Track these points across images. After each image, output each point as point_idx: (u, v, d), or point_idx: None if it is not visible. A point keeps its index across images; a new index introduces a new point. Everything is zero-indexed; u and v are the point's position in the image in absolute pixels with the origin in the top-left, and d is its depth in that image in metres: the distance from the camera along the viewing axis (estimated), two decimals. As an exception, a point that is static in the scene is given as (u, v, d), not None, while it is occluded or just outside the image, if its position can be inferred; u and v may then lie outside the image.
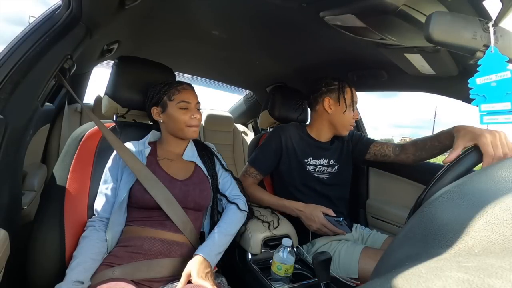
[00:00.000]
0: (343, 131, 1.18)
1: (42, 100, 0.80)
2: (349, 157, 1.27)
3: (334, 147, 1.24)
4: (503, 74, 0.58)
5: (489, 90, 0.60)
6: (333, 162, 1.22)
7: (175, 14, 1.05)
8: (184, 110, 0.90)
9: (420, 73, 1.08)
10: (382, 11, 0.70)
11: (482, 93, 0.61)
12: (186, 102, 0.90)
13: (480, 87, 0.61)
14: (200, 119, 0.93)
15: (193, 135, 0.92)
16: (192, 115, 0.90)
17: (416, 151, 1.11)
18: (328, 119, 1.18)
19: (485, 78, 0.60)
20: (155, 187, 0.82)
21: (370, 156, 1.25)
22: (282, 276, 0.85)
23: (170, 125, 0.92)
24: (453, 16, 0.61)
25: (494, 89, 0.59)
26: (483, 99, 0.61)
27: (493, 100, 0.59)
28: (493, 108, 0.59)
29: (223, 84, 2.17)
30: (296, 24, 0.99)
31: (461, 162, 0.65)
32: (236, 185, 1.01)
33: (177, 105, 0.90)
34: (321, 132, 1.21)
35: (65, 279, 0.70)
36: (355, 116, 1.16)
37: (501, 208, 0.27)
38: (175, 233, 0.83)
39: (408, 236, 0.33)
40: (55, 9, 0.78)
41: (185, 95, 0.91)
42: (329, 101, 1.16)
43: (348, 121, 1.16)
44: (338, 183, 1.22)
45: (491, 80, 0.59)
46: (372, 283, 0.23)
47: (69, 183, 0.86)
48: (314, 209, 1.02)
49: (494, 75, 0.59)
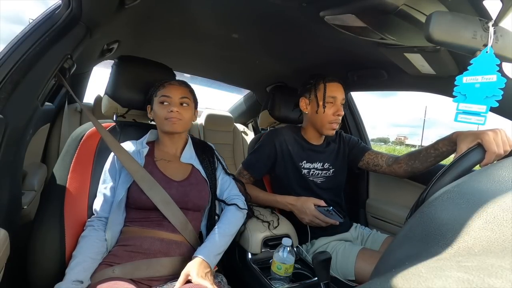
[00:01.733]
0: (325, 131, 1.11)
1: (42, 100, 0.80)
2: (345, 161, 1.24)
3: (330, 150, 1.21)
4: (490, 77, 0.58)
5: (471, 90, 0.61)
6: (328, 165, 1.19)
7: (175, 14, 1.05)
8: (164, 104, 0.90)
9: (420, 73, 1.08)
10: (382, 11, 0.70)
11: (464, 92, 0.62)
12: (166, 96, 0.89)
13: (464, 86, 0.62)
14: (184, 115, 0.90)
15: (173, 128, 0.89)
16: (169, 109, 0.88)
17: (409, 161, 1.06)
18: (309, 120, 1.15)
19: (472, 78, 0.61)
20: (152, 188, 0.82)
21: (362, 163, 1.21)
22: (282, 275, 0.85)
23: (156, 121, 0.93)
24: (453, 15, 0.61)
25: (476, 90, 0.60)
26: (463, 98, 0.62)
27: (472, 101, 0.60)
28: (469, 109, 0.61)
29: (223, 83, 2.17)
30: (296, 23, 0.99)
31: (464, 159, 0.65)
32: (235, 185, 1.01)
33: (158, 100, 0.90)
34: (310, 134, 1.18)
35: (65, 279, 0.70)
36: (336, 112, 1.08)
37: (501, 208, 0.27)
38: (172, 233, 0.83)
39: (408, 236, 0.33)
40: (55, 9, 0.78)
41: (168, 89, 0.90)
42: (304, 101, 1.13)
43: (326, 119, 1.09)
44: (332, 187, 1.20)
45: (477, 81, 0.60)
46: (372, 282, 0.23)
47: (69, 183, 0.86)
48: (305, 202, 1.01)
49: (481, 77, 0.59)
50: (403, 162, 1.09)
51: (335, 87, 1.09)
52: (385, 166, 1.14)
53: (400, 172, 1.10)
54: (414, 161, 1.05)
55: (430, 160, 1.00)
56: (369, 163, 1.19)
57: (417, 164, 1.04)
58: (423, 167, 1.03)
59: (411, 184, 1.34)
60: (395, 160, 1.12)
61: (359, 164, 1.22)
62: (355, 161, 1.23)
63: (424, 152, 1.01)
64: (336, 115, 1.08)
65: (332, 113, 1.08)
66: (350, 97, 1.62)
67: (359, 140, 1.27)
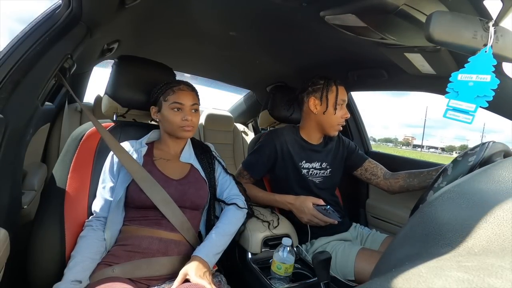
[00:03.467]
0: (331, 131, 1.15)
1: (42, 100, 0.80)
2: (342, 163, 1.27)
3: (328, 150, 1.23)
4: (484, 77, 0.58)
5: (464, 88, 0.61)
6: (326, 165, 1.20)
7: (175, 14, 1.05)
8: (177, 111, 0.89)
9: (420, 73, 1.08)
10: (383, 11, 0.70)
11: (457, 89, 0.62)
12: (179, 103, 0.89)
13: (458, 83, 0.62)
14: (194, 121, 0.91)
15: (187, 135, 0.91)
16: (184, 117, 0.89)
17: (408, 177, 1.12)
18: (315, 119, 1.16)
19: (467, 76, 0.61)
20: (151, 188, 0.83)
21: (360, 171, 1.26)
22: (282, 275, 0.85)
23: (165, 125, 0.93)
24: (453, 15, 0.61)
25: (469, 89, 0.60)
26: (455, 95, 0.62)
27: (463, 98, 0.61)
28: (459, 106, 0.61)
29: (223, 83, 2.17)
30: (297, 23, 0.99)
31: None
32: (235, 185, 1.01)
33: (170, 106, 0.89)
34: (311, 133, 1.20)
35: (63, 279, 0.70)
36: (344, 115, 1.13)
37: (501, 208, 0.27)
38: (171, 232, 0.83)
39: (408, 236, 0.33)
40: (55, 9, 0.78)
41: (179, 96, 0.90)
42: (314, 101, 1.14)
43: (335, 121, 1.13)
44: (329, 187, 1.22)
45: (471, 79, 0.60)
46: (372, 282, 0.23)
47: (69, 183, 0.86)
48: (304, 201, 1.02)
49: (475, 75, 0.60)
50: (401, 178, 1.15)
51: (344, 91, 1.15)
52: (382, 178, 1.21)
53: (395, 187, 1.16)
54: (413, 179, 1.11)
55: (429, 181, 1.04)
56: (367, 170, 1.25)
57: (415, 182, 1.10)
58: (419, 186, 1.09)
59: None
60: (392, 175, 1.19)
61: (356, 171, 1.27)
62: (353, 167, 1.28)
63: (426, 173, 1.07)
64: (343, 118, 1.14)
65: (341, 115, 1.13)
66: (350, 97, 1.62)
67: (357, 146, 1.31)
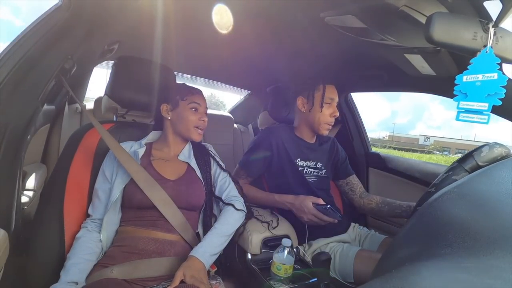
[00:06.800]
0: (320, 130, 1.16)
1: (43, 100, 0.80)
2: (333, 167, 1.29)
3: (323, 150, 1.24)
4: (491, 75, 0.58)
5: (472, 88, 0.61)
6: (321, 166, 1.22)
7: (175, 14, 1.05)
8: (194, 111, 0.93)
9: (420, 74, 1.08)
10: (383, 12, 0.70)
11: (465, 91, 0.62)
12: (197, 103, 0.94)
13: (465, 85, 0.62)
14: (206, 124, 0.96)
15: (197, 137, 0.95)
16: (201, 117, 0.94)
17: (381, 203, 1.18)
18: (304, 118, 1.18)
19: (472, 76, 0.61)
20: (152, 188, 0.83)
21: (342, 182, 1.30)
22: (282, 276, 0.85)
23: (177, 124, 0.94)
24: (453, 16, 0.61)
25: (477, 89, 0.60)
26: (464, 97, 0.62)
27: (474, 99, 0.60)
28: (471, 107, 0.61)
29: (223, 84, 2.17)
30: (297, 24, 0.99)
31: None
32: (234, 187, 1.01)
33: (189, 105, 0.93)
34: (303, 132, 1.21)
35: (60, 280, 0.71)
36: (333, 114, 1.14)
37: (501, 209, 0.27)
38: (167, 233, 0.83)
39: (408, 236, 0.33)
40: (56, 9, 0.78)
41: (198, 97, 0.95)
42: (302, 99, 1.17)
43: (323, 119, 1.14)
44: (324, 188, 1.22)
45: (477, 79, 0.60)
46: (372, 282, 0.23)
47: (69, 183, 0.86)
48: (303, 200, 1.02)
49: (481, 75, 0.60)
50: (374, 202, 1.20)
51: (332, 89, 1.16)
52: (357, 196, 1.26)
53: (366, 208, 1.22)
54: (384, 206, 1.16)
55: (398, 212, 1.11)
56: (348, 184, 1.30)
57: (385, 209, 1.16)
58: (388, 215, 1.16)
59: (411, 185, 1.34)
60: (367, 195, 1.25)
61: (338, 181, 1.32)
62: (337, 176, 1.32)
63: (397, 204, 1.12)
64: (332, 116, 1.15)
65: (329, 113, 1.14)
66: (350, 98, 1.62)
67: (347, 158, 1.33)
